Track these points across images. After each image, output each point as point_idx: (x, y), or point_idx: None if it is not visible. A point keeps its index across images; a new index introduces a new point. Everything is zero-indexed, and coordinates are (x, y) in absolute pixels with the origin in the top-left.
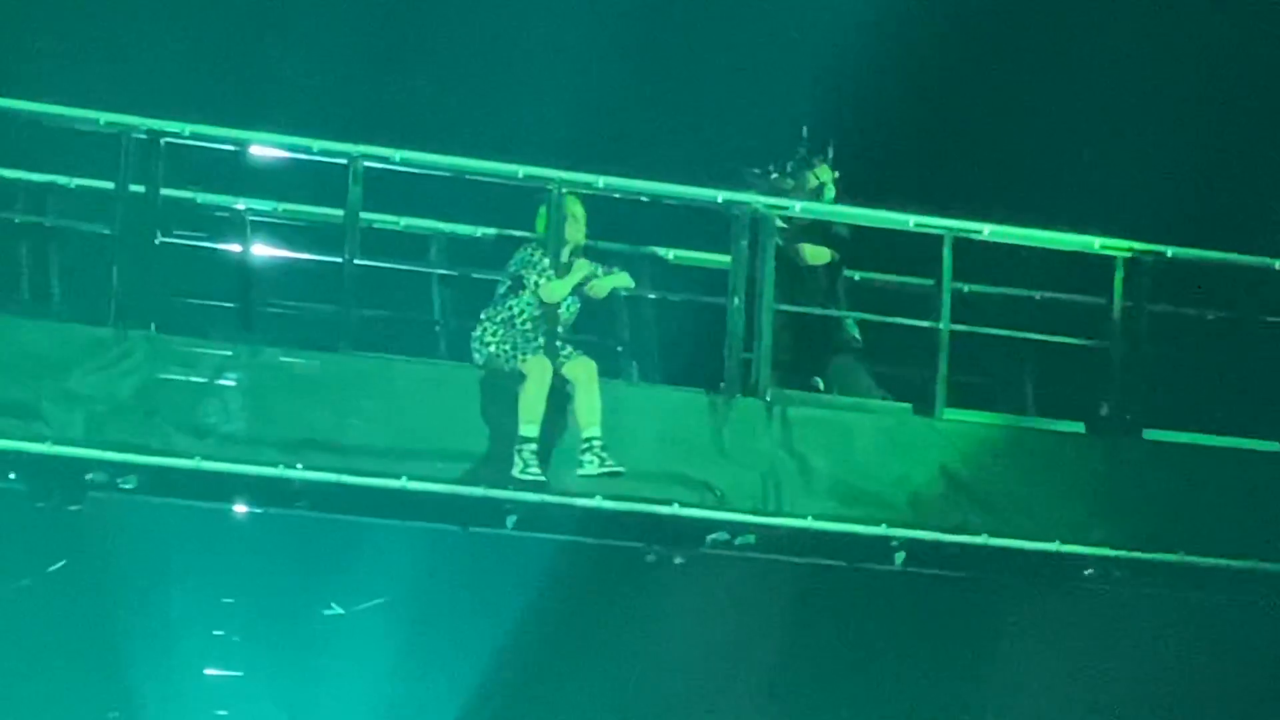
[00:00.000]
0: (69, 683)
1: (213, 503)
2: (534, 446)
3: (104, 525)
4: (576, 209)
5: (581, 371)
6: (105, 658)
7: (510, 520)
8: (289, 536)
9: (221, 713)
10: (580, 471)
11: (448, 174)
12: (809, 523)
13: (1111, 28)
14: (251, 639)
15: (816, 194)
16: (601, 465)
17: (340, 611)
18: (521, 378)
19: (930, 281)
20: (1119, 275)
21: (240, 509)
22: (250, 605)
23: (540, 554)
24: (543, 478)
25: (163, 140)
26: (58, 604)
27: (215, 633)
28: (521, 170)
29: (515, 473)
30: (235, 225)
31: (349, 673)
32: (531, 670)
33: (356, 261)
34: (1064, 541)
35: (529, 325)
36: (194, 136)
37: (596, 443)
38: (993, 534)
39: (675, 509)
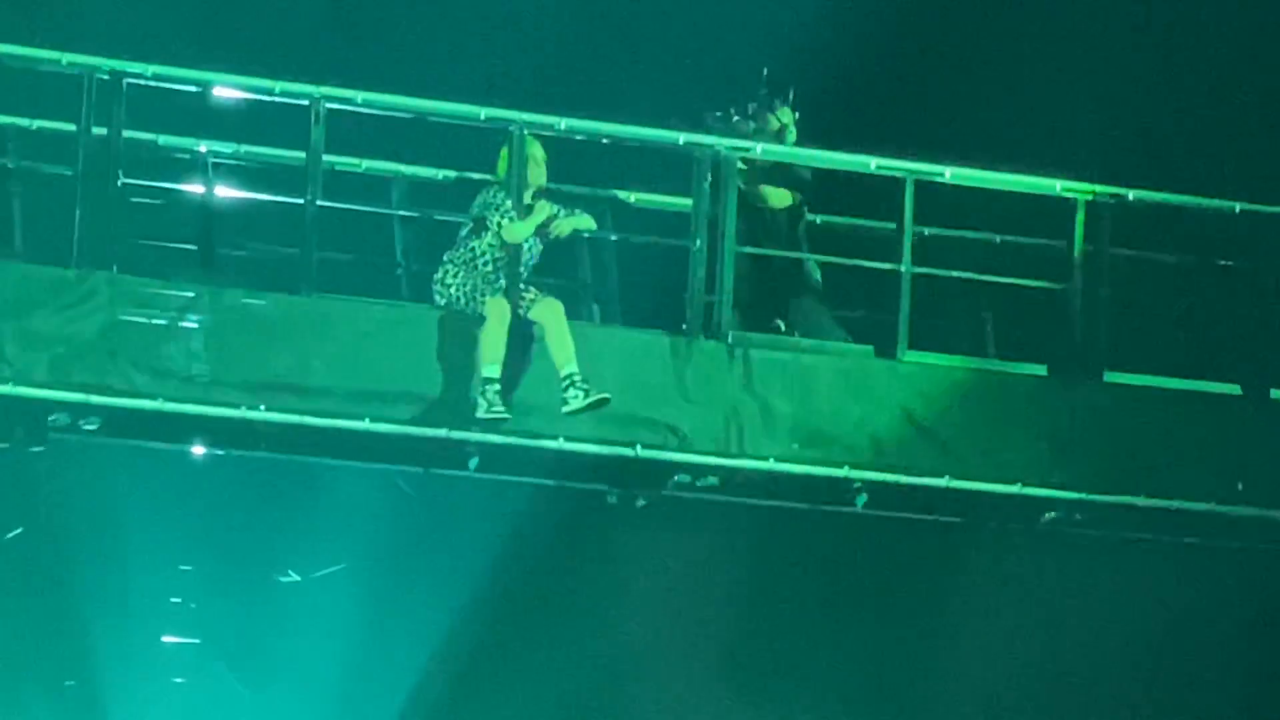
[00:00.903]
0: (24, 650)
1: (175, 444)
2: (496, 387)
3: (65, 468)
4: (537, 151)
5: (549, 312)
6: (63, 624)
7: (472, 462)
8: (251, 479)
9: (179, 680)
10: (566, 408)
11: (409, 115)
12: (771, 465)
13: None
14: (211, 595)
15: (778, 136)
16: (587, 396)
17: (296, 579)
18: (482, 319)
19: (892, 225)
20: (1080, 218)
21: (201, 450)
22: (210, 555)
23: (501, 496)
24: (507, 416)
25: (125, 81)
26: (15, 563)
27: (173, 600)
28: (483, 112)
29: (480, 414)
30: (197, 167)
31: (309, 630)
32: (493, 613)
33: (319, 203)
34: (1025, 484)
35: (490, 267)
36: (156, 78)
37: (576, 377)
38: (954, 476)
39: (638, 451)
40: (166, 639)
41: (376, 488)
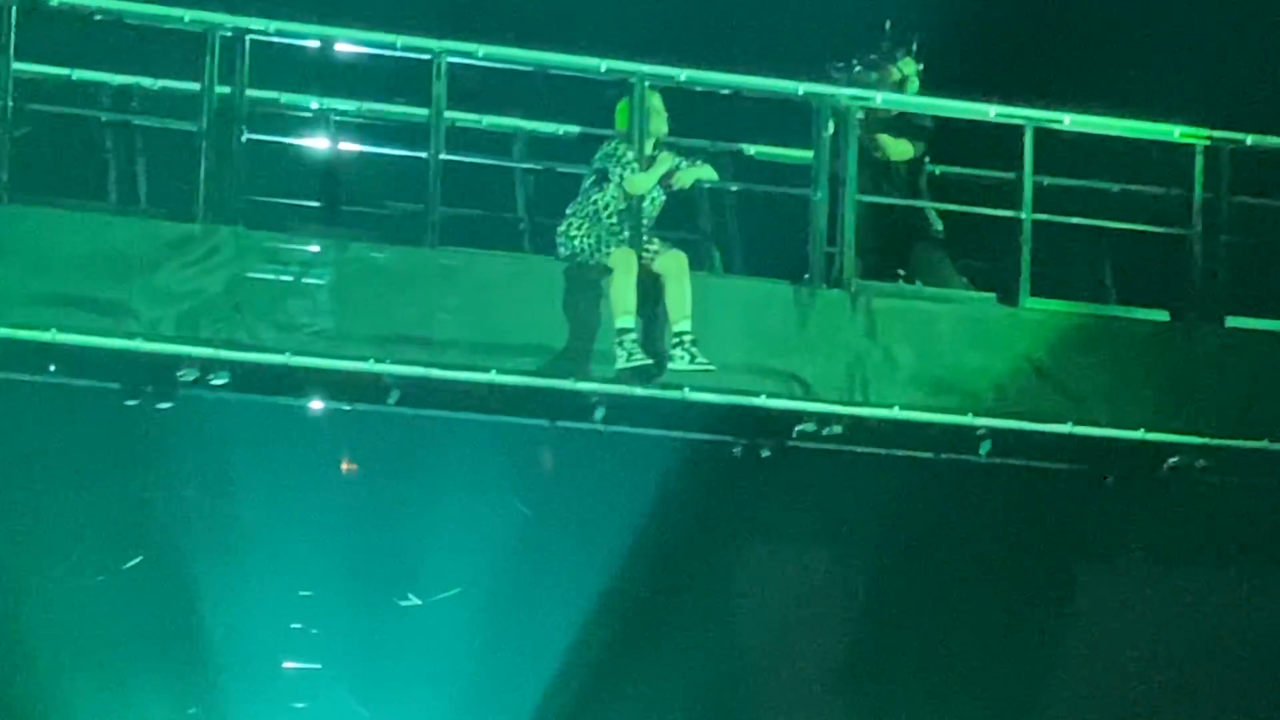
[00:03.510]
0: (148, 677)
1: (301, 399)
2: (634, 335)
3: (193, 425)
4: (657, 102)
5: (672, 264)
6: (185, 652)
7: (598, 413)
8: (376, 434)
9: (299, 705)
10: (670, 366)
11: (530, 69)
12: (895, 413)
13: None
14: (331, 619)
15: (900, 87)
16: (692, 361)
17: (417, 602)
18: (607, 271)
19: (1011, 174)
20: (1199, 163)
21: (318, 405)
22: (332, 570)
23: (625, 447)
24: (649, 361)
25: (247, 37)
26: (137, 583)
27: (294, 626)
28: (604, 64)
29: (620, 364)
30: (320, 123)
31: (430, 652)
32: (619, 566)
33: (441, 157)
34: (1148, 430)
35: (614, 219)
36: (279, 34)
37: (687, 337)
38: (1077, 423)
39: (762, 400)
40: (288, 665)
41: (494, 503)
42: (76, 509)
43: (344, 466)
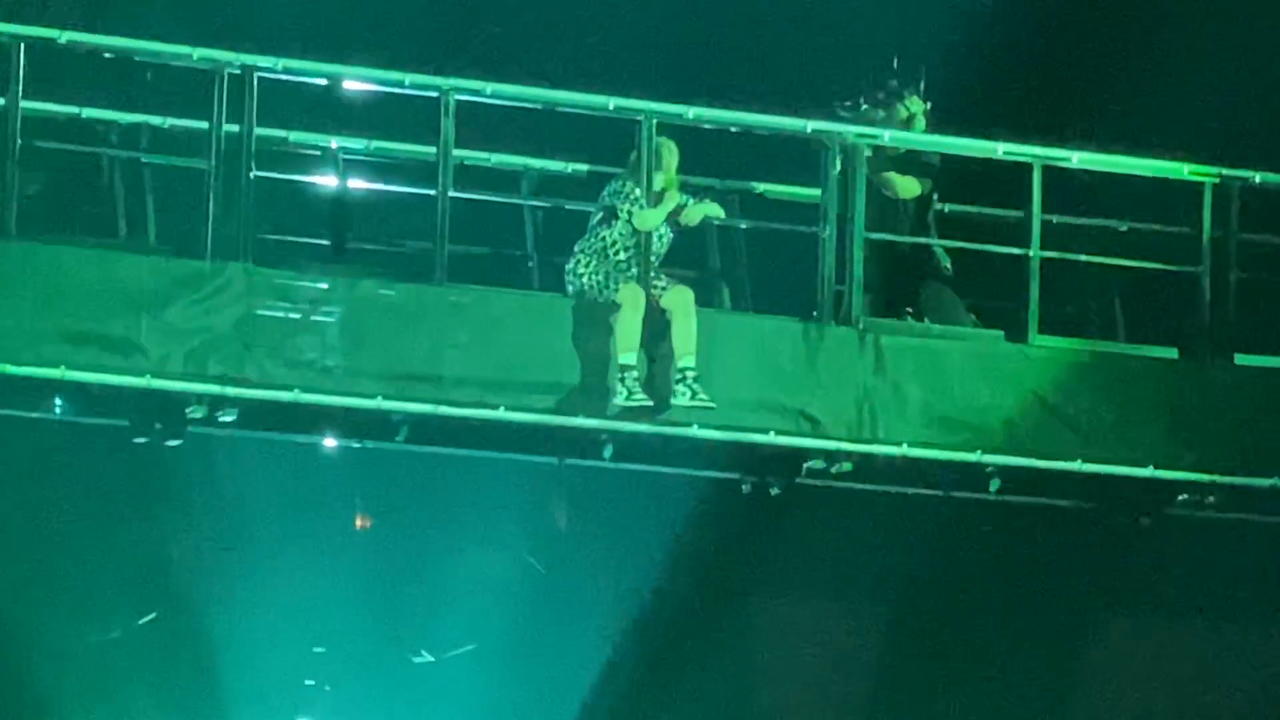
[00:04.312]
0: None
1: (310, 436)
2: (636, 374)
3: (201, 463)
4: (667, 140)
5: (678, 301)
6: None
7: (607, 451)
8: (384, 471)
9: None
10: (672, 401)
11: (538, 106)
12: (904, 450)
13: None
14: (344, 675)
15: (907, 125)
16: (694, 398)
17: (430, 659)
18: (616, 307)
19: (1019, 213)
20: (1207, 201)
21: (331, 442)
22: (346, 625)
23: (634, 485)
24: (649, 402)
25: (255, 75)
26: (151, 641)
27: (307, 682)
28: (612, 102)
29: (619, 401)
30: (328, 161)
31: (444, 708)
32: (626, 598)
33: (450, 194)
34: (1157, 466)
35: (622, 256)
36: (287, 71)
37: (690, 374)
38: (1086, 459)
39: (771, 437)
40: None
41: (503, 544)
42: (84, 549)
43: (359, 522)
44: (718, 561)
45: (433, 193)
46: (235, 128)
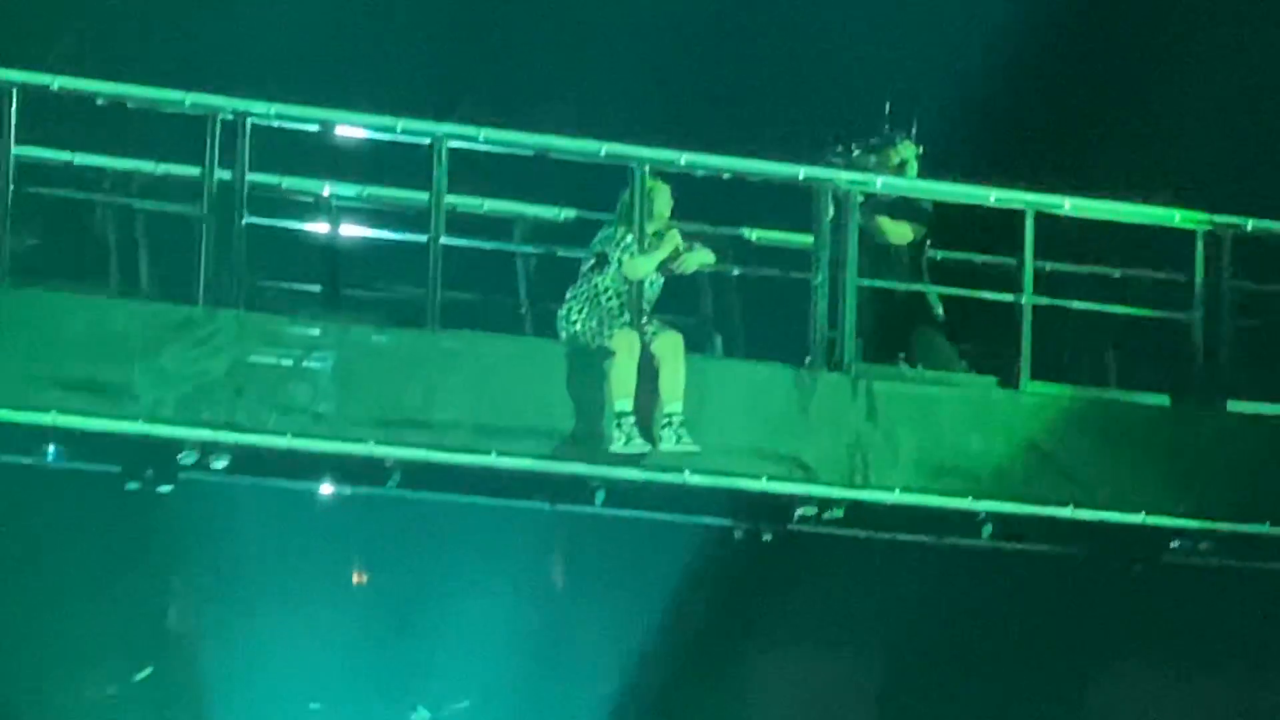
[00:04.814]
0: None
1: (302, 482)
2: (632, 420)
3: (195, 509)
4: (660, 186)
5: (668, 345)
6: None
7: (599, 497)
8: (376, 517)
9: None
10: (658, 446)
11: (531, 153)
12: (896, 496)
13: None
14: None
15: (899, 171)
16: (679, 442)
17: (427, 715)
18: (609, 353)
19: (1011, 259)
20: (1199, 247)
21: (327, 489)
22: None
23: (626, 531)
24: (647, 448)
25: (248, 121)
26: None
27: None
28: (604, 148)
29: (617, 447)
30: (321, 207)
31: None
32: (616, 648)
33: (442, 241)
34: (1149, 513)
35: (614, 302)
36: (279, 117)
37: (676, 418)
38: (1078, 506)
39: (763, 483)
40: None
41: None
42: (79, 600)
43: (355, 578)
44: (710, 608)
45: (425, 239)
46: (228, 174)
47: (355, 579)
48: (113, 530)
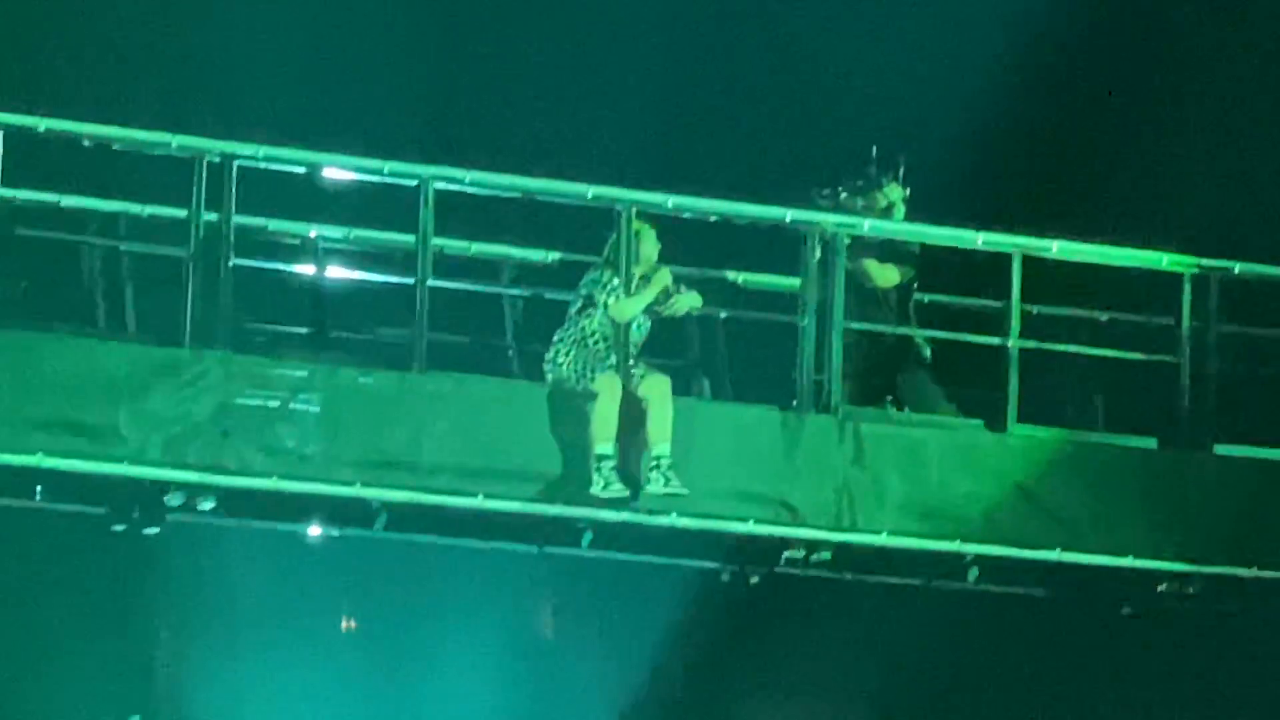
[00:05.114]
0: None
1: (289, 524)
2: (612, 463)
3: (182, 551)
4: (647, 229)
5: (655, 389)
6: None
7: (586, 539)
8: (363, 559)
9: None
10: (645, 489)
11: (518, 195)
12: (884, 539)
13: (1175, 44)
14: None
15: (886, 214)
16: (666, 485)
17: None
18: (593, 396)
19: (998, 302)
20: (1186, 291)
21: (319, 531)
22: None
23: (613, 574)
24: (625, 493)
25: (235, 163)
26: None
27: None
28: (591, 191)
29: (596, 491)
30: (307, 249)
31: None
32: (605, 691)
33: (429, 283)
34: (1137, 556)
35: (601, 345)
36: (266, 159)
37: (664, 461)
38: (1065, 549)
39: (750, 526)
40: None
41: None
42: (61, 638)
43: (343, 624)
44: (697, 650)
45: (412, 281)
46: (214, 216)
47: (344, 625)
48: (99, 572)
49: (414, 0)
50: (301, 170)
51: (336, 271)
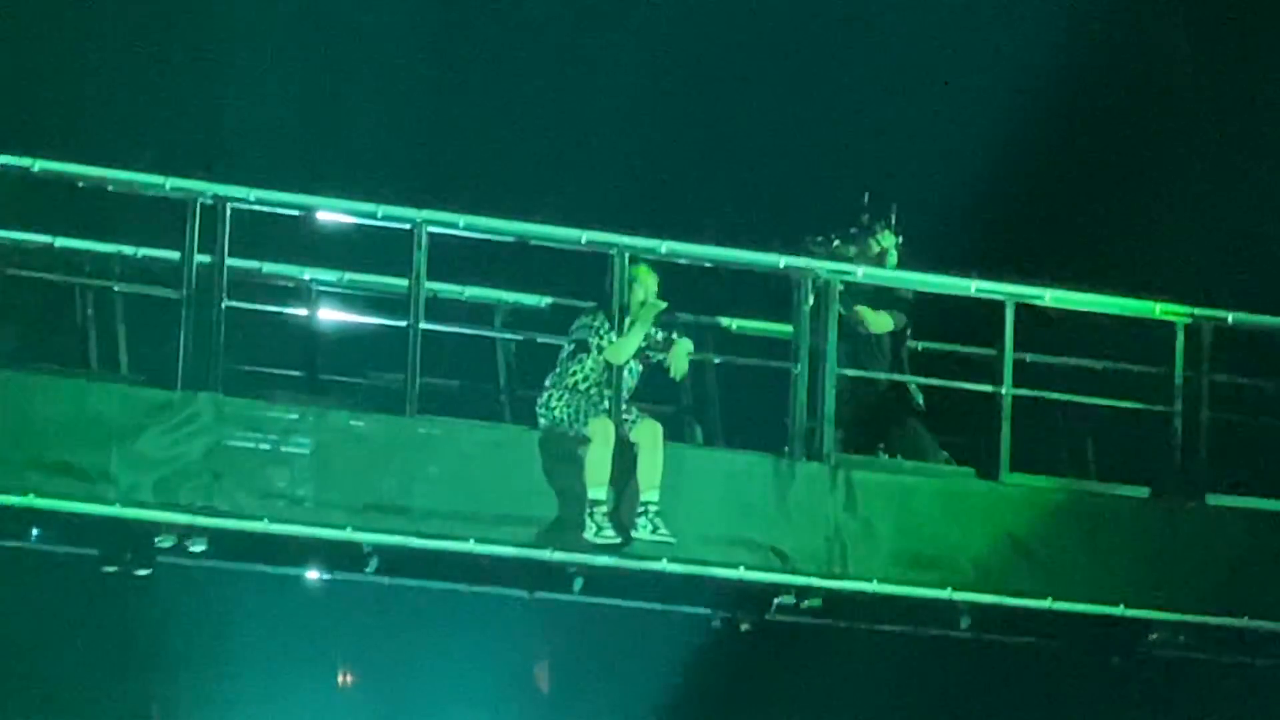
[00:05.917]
0: None
1: (280, 567)
2: (605, 509)
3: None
4: (643, 273)
5: (646, 434)
6: None
7: (576, 584)
8: (353, 603)
9: None
10: (633, 534)
11: (511, 239)
12: (874, 586)
13: (1170, 93)
14: None
15: (879, 261)
16: (654, 532)
17: None
18: (585, 440)
19: (991, 350)
20: (1179, 340)
21: (310, 574)
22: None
23: (605, 618)
24: (618, 539)
25: (228, 205)
26: None
27: None
28: (584, 235)
29: (588, 536)
30: (300, 293)
31: None
32: None
33: (421, 326)
34: (1128, 605)
35: (594, 390)
36: (260, 202)
37: (652, 508)
38: (1057, 598)
39: (741, 572)
40: None
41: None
42: (52, 682)
43: (340, 679)
44: (688, 696)
45: (404, 324)
46: (207, 258)
47: (340, 678)
48: (92, 613)
49: (408, 45)
50: (295, 213)
51: (329, 314)
